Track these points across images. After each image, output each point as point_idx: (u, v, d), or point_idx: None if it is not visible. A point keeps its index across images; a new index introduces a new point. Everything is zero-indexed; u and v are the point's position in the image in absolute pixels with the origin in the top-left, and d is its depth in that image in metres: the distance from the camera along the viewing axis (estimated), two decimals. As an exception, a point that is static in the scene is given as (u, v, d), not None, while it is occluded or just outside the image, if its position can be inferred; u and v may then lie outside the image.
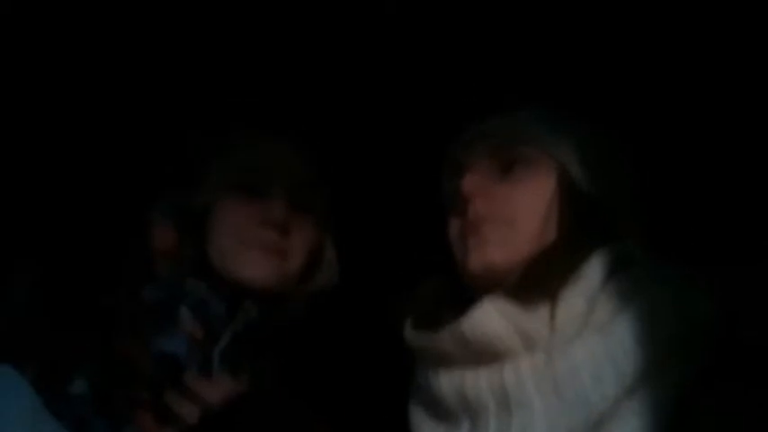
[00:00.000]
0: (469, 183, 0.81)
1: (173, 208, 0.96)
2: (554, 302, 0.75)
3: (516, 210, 0.80)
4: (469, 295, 0.78)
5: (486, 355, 0.74)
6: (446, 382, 0.76)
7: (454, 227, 0.85)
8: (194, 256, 0.92)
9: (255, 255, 0.91)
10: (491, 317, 0.74)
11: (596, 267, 0.75)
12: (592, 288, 0.74)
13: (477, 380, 0.74)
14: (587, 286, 0.74)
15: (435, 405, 0.79)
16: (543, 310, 0.75)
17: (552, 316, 0.74)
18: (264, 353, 0.91)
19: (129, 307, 0.90)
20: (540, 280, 0.76)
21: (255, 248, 0.92)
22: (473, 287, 0.81)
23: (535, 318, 0.74)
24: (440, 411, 0.79)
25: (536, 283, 0.76)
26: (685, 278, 0.75)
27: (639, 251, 0.79)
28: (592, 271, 0.75)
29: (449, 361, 0.77)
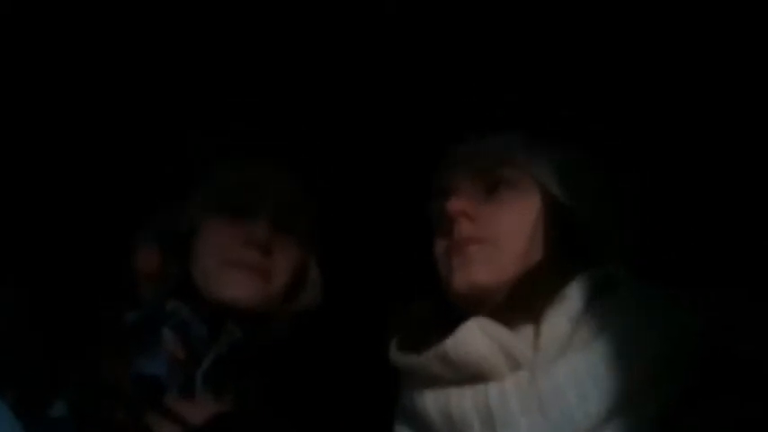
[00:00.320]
0: (455, 204, 0.82)
1: (158, 229, 0.95)
2: (538, 323, 0.76)
3: (501, 230, 0.81)
4: (455, 315, 0.79)
5: (470, 375, 0.74)
6: (431, 402, 0.76)
7: (440, 246, 0.86)
8: (178, 277, 0.92)
9: (239, 275, 0.91)
10: (476, 337, 0.74)
11: (580, 288, 0.76)
12: (575, 309, 0.75)
13: (461, 399, 0.74)
14: (571, 307, 0.75)
15: (420, 425, 0.79)
16: (527, 330, 0.77)
17: (536, 336, 0.75)
18: (248, 373, 0.90)
19: (112, 329, 0.89)
20: (525, 300, 0.77)
21: (239, 269, 0.91)
22: (458, 306, 0.81)
23: (519, 338, 0.75)
24: (425, 431, 0.78)
25: (521, 304, 0.77)
26: (669, 298, 0.76)
27: (624, 271, 0.80)
28: (575, 292, 0.76)
29: (434, 381, 0.77)
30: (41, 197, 1.10)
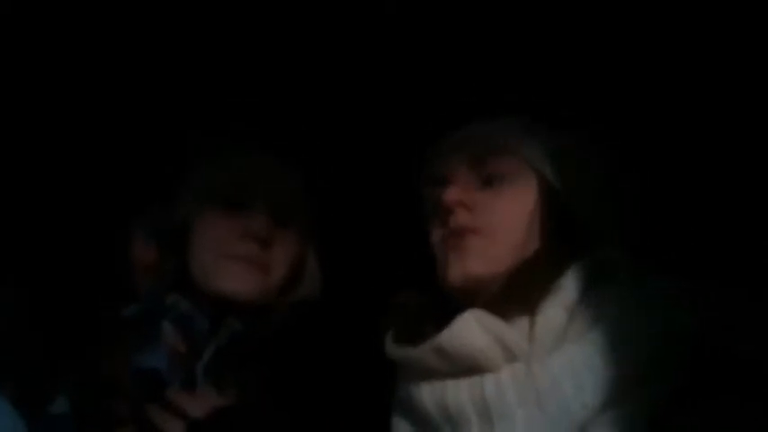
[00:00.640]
0: (451, 194, 0.81)
1: (154, 223, 0.95)
2: (533, 314, 0.75)
3: (498, 220, 0.80)
4: (451, 307, 0.78)
5: (466, 368, 0.74)
6: (427, 395, 0.77)
7: (436, 235, 0.85)
8: (175, 271, 0.92)
9: (237, 268, 0.91)
10: (472, 329, 0.74)
11: (576, 278, 0.76)
12: (571, 300, 0.75)
13: (458, 392, 0.74)
14: (566, 298, 0.75)
15: (417, 417, 0.79)
16: (523, 322, 0.76)
17: (532, 327, 0.75)
18: (248, 365, 0.91)
19: (111, 324, 0.89)
20: (521, 291, 0.76)
21: (237, 262, 0.91)
22: (453, 298, 0.81)
23: (515, 329, 0.75)
24: (422, 423, 0.79)
25: (516, 295, 0.76)
26: (666, 290, 0.75)
27: (621, 262, 0.79)
28: (571, 282, 0.75)
29: (430, 374, 0.77)
30: (41, 197, 1.10)
